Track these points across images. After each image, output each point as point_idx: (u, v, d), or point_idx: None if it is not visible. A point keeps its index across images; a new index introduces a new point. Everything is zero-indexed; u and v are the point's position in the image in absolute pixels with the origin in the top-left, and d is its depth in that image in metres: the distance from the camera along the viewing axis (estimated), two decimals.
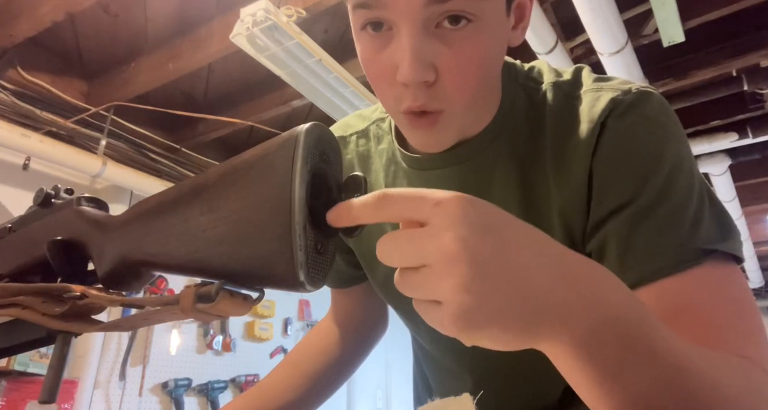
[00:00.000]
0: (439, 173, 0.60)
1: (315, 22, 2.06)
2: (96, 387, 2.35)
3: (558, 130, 0.55)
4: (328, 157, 0.33)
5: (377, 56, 0.50)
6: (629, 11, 1.91)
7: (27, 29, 1.97)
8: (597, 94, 0.54)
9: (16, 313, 0.38)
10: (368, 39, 0.50)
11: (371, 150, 0.68)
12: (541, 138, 0.56)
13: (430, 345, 0.74)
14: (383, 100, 0.54)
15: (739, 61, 2.15)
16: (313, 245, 0.31)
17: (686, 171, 0.51)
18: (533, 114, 0.57)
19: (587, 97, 0.55)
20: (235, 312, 0.32)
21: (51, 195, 0.44)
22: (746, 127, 2.58)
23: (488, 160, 0.58)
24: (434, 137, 0.53)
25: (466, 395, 0.57)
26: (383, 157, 0.66)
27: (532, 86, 0.59)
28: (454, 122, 0.52)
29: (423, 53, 0.46)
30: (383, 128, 0.68)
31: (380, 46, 0.49)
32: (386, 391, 4.17)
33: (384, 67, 0.49)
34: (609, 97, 0.53)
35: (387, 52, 0.49)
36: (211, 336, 3.00)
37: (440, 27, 0.47)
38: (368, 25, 0.49)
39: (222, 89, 2.58)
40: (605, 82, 0.56)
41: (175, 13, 2.12)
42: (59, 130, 2.35)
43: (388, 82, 0.50)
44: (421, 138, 0.54)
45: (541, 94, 0.58)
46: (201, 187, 0.34)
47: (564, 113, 0.55)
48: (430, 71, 0.47)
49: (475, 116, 0.56)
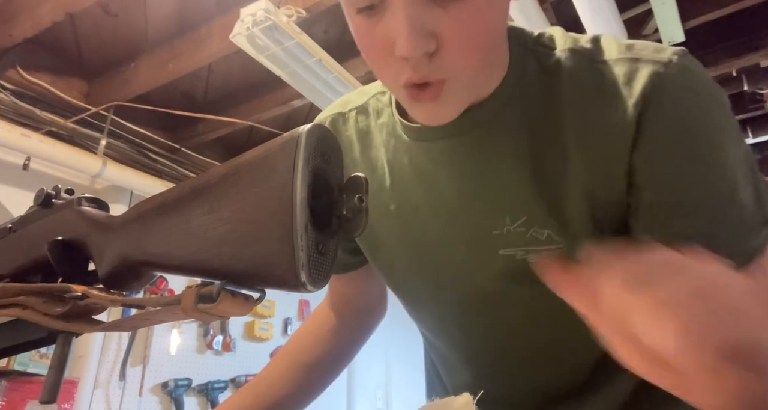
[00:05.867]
0: (444, 144, 0.55)
1: (315, 22, 2.07)
2: (96, 387, 2.35)
3: (581, 99, 0.51)
4: (329, 157, 0.33)
5: (371, 32, 0.46)
6: (629, 11, 1.91)
7: (27, 29, 1.97)
8: (634, 66, 0.50)
9: (16, 313, 0.38)
10: (362, 18, 0.46)
11: (371, 125, 0.65)
12: (555, 106, 0.52)
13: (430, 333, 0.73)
14: (382, 77, 0.50)
15: (739, 61, 2.15)
16: (315, 246, 0.31)
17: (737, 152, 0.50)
18: (546, 80, 0.53)
19: (620, 67, 0.50)
20: (236, 312, 0.32)
21: (51, 195, 0.44)
22: (746, 127, 2.58)
23: (497, 130, 0.53)
24: (438, 110, 0.49)
25: (466, 395, 0.57)
26: (383, 131, 0.62)
27: (544, 51, 0.54)
28: (458, 92, 0.48)
29: (421, 22, 0.43)
30: (383, 101, 0.64)
31: (374, 21, 0.45)
32: (386, 391, 4.17)
33: (379, 43, 0.46)
34: (649, 70, 0.49)
35: (381, 26, 0.45)
36: (211, 336, 3.00)
37: None
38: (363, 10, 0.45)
39: (222, 89, 2.58)
40: (636, 50, 0.51)
41: (175, 13, 2.12)
42: (59, 130, 2.35)
43: (384, 58, 0.46)
44: (425, 112, 0.50)
45: (554, 60, 0.53)
46: (202, 187, 0.34)
47: (588, 81, 0.51)
48: (430, 41, 0.43)
49: (481, 84, 0.52)
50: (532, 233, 0.53)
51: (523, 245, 0.54)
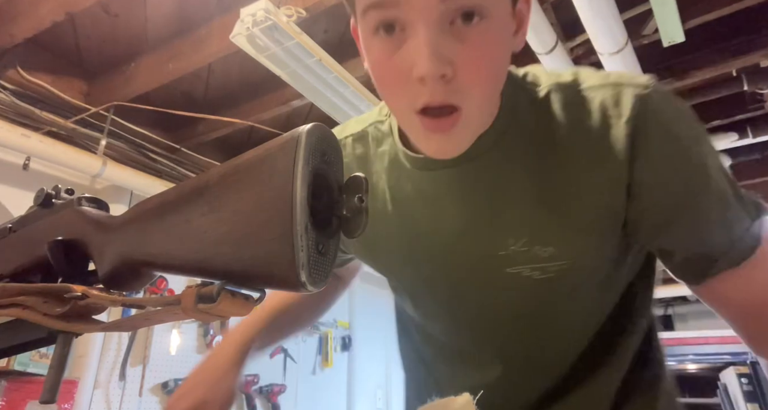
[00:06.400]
0: (448, 172, 0.59)
1: (315, 22, 2.06)
2: (96, 387, 2.35)
3: (573, 124, 0.56)
4: (329, 158, 0.33)
5: (390, 58, 0.50)
6: (629, 11, 1.91)
7: (27, 29, 1.97)
8: (618, 89, 0.55)
9: (17, 313, 0.38)
10: (380, 43, 0.50)
11: (369, 152, 0.68)
12: (548, 133, 0.57)
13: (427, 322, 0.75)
14: (396, 102, 0.53)
15: (739, 61, 2.14)
16: (315, 246, 0.31)
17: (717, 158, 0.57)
18: (537, 111, 0.58)
19: (605, 91, 0.56)
20: (236, 312, 0.32)
21: (51, 195, 0.44)
22: (746, 127, 2.58)
23: (496, 157, 0.58)
24: (451, 141, 0.53)
25: (466, 395, 0.58)
26: (384, 159, 0.65)
27: (531, 87, 0.60)
28: (470, 122, 0.52)
29: (440, 48, 0.47)
30: (382, 130, 0.67)
31: (393, 48, 0.49)
32: (386, 391, 4.17)
33: (397, 68, 0.49)
34: (633, 92, 0.54)
35: (401, 53, 0.49)
36: (211, 336, 3.00)
37: (453, 25, 0.48)
38: (381, 27, 0.49)
39: (222, 89, 2.58)
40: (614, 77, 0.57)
41: (175, 13, 2.12)
42: (59, 130, 2.35)
43: (402, 82, 0.50)
44: (437, 144, 0.53)
45: (542, 94, 0.58)
46: (202, 187, 0.34)
47: (577, 107, 0.56)
48: (447, 66, 0.47)
49: (488, 114, 0.56)
50: (535, 250, 0.58)
51: (529, 263, 0.59)
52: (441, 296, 0.69)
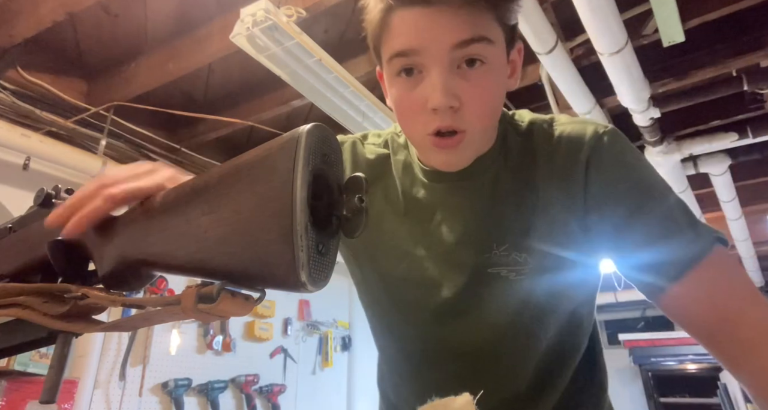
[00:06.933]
0: (459, 184, 0.72)
1: (315, 22, 2.06)
2: (96, 387, 2.35)
3: (547, 151, 0.70)
4: (329, 158, 0.33)
5: (410, 94, 0.63)
6: (629, 11, 1.91)
7: (27, 29, 1.97)
8: (581, 126, 0.70)
9: (17, 313, 0.38)
10: (402, 82, 0.63)
11: (390, 156, 0.79)
12: (529, 158, 0.71)
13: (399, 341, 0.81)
14: (413, 127, 0.65)
15: (739, 61, 2.14)
16: (315, 246, 0.30)
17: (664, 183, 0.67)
18: (521, 141, 0.73)
19: (572, 127, 0.70)
20: (236, 312, 0.32)
21: (51, 195, 0.44)
22: (746, 127, 2.58)
23: (490, 176, 0.72)
24: (456, 156, 0.66)
25: (466, 395, 0.58)
26: (399, 166, 0.78)
27: (518, 124, 0.74)
28: (472, 143, 0.65)
29: (449, 86, 0.60)
30: (399, 142, 0.80)
31: (412, 86, 0.63)
32: None
33: (416, 101, 0.63)
34: (593, 128, 0.69)
35: (418, 89, 0.62)
36: (211, 336, 3.00)
37: (460, 68, 0.61)
38: (403, 71, 0.63)
39: (222, 89, 2.58)
40: (580, 118, 0.72)
41: (175, 13, 2.12)
42: (59, 130, 2.35)
43: (419, 112, 0.63)
44: (445, 157, 0.66)
45: (525, 128, 0.73)
46: (202, 188, 0.34)
47: (551, 138, 0.71)
48: (455, 99, 0.60)
49: (487, 138, 0.70)
50: (513, 256, 0.71)
51: (506, 266, 0.71)
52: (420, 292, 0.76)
